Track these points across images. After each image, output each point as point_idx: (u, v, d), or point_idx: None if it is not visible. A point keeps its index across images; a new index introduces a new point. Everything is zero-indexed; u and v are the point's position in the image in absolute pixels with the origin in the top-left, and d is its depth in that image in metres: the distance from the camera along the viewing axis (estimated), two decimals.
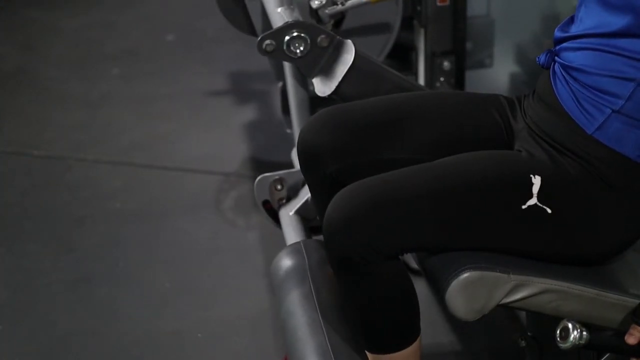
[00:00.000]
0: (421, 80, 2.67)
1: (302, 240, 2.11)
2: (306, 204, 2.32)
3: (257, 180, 2.39)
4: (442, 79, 2.62)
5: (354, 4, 2.31)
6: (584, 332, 1.52)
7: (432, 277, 1.65)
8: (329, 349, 1.72)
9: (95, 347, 2.40)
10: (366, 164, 1.73)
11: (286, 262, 1.98)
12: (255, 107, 3.57)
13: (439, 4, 2.56)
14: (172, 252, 2.77)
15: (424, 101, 1.80)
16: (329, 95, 2.02)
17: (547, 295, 1.58)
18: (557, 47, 1.68)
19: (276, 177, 2.38)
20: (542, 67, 1.71)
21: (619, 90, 1.56)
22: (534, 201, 1.58)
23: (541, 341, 1.88)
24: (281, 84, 2.89)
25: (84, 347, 2.40)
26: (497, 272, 1.56)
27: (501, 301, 1.58)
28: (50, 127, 3.51)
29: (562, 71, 1.64)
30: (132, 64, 4.00)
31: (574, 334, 1.52)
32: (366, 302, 1.64)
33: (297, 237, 2.24)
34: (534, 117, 1.70)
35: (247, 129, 3.42)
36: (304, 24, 2.05)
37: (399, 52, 3.28)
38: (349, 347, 1.73)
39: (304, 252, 1.98)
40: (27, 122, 3.56)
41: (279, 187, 2.38)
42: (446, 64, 2.62)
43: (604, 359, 1.69)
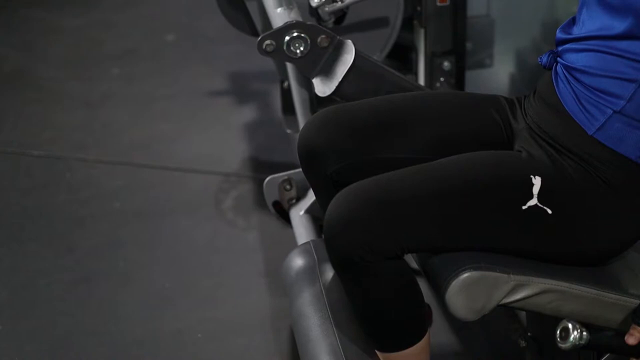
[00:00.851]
0: (421, 80, 2.67)
1: (312, 240, 2.11)
2: (316, 203, 2.31)
3: (266, 181, 2.38)
4: (442, 79, 2.62)
5: (353, 0, 2.31)
6: (584, 332, 1.52)
7: (432, 277, 1.65)
8: (340, 349, 1.72)
9: (95, 347, 2.40)
10: (366, 163, 1.74)
11: (297, 262, 1.98)
12: (255, 107, 3.57)
13: (439, 4, 2.55)
14: (172, 252, 2.77)
15: (424, 101, 1.80)
16: (329, 95, 2.03)
17: (547, 295, 1.58)
18: (560, 48, 1.68)
19: (285, 178, 2.38)
20: (543, 68, 1.71)
21: (620, 91, 1.57)
22: (534, 202, 1.58)
23: (541, 341, 1.88)
24: (286, 83, 2.88)
25: (84, 347, 2.40)
26: (497, 272, 1.56)
27: (501, 301, 1.58)
28: (50, 127, 3.51)
29: (565, 72, 1.64)
30: (132, 64, 4.01)
31: (574, 334, 1.53)
32: (369, 301, 1.64)
33: (308, 237, 2.24)
34: (534, 117, 1.70)
35: (247, 129, 3.42)
36: (304, 24, 2.05)
37: (399, 52, 3.29)
38: (359, 348, 1.74)
39: (313, 252, 1.98)
40: (27, 122, 3.56)
41: (288, 187, 2.38)
42: (446, 64, 2.62)
43: (604, 359, 1.69)
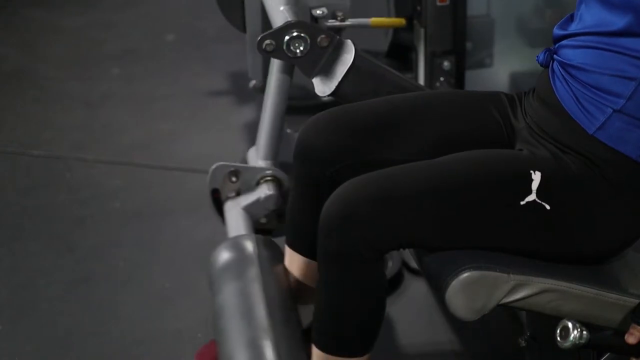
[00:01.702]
0: (421, 80, 2.68)
1: (250, 234, 2.09)
2: (257, 203, 2.31)
3: (214, 167, 2.35)
4: (442, 79, 2.63)
5: (353, 23, 2.32)
6: (584, 332, 1.52)
7: (432, 277, 1.65)
8: (271, 344, 1.72)
9: (95, 347, 2.40)
10: (366, 164, 1.73)
11: (230, 253, 1.97)
12: (255, 107, 3.56)
13: (439, 4, 2.56)
14: (172, 252, 2.77)
15: (424, 101, 1.80)
16: (328, 95, 2.03)
17: (547, 295, 1.58)
18: (556, 45, 1.68)
19: (233, 169, 2.34)
20: (541, 66, 1.71)
21: (620, 89, 1.56)
22: (532, 197, 1.57)
23: (541, 341, 1.88)
24: (253, 82, 2.90)
25: (84, 347, 2.40)
26: (497, 271, 1.56)
27: (501, 301, 1.58)
28: (50, 127, 3.51)
29: (561, 69, 1.64)
30: (132, 64, 4.00)
31: (574, 334, 1.52)
32: (344, 299, 1.63)
33: (241, 232, 2.22)
34: (534, 117, 1.70)
35: (247, 129, 3.42)
36: (304, 24, 2.05)
37: (399, 52, 3.29)
38: (289, 345, 1.74)
39: (245, 246, 1.97)
40: (27, 122, 3.56)
41: (234, 179, 2.34)
42: (446, 64, 2.62)
43: (604, 358, 1.69)
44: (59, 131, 3.48)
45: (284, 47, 2.05)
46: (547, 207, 1.57)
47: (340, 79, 1.99)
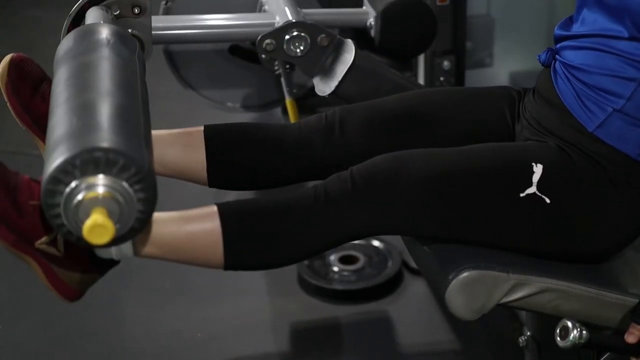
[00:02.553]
0: (421, 79, 2.68)
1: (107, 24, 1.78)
2: None
3: None
4: (442, 79, 2.63)
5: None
6: (584, 332, 1.52)
7: (431, 276, 1.64)
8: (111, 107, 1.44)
9: (95, 347, 2.40)
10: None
11: (79, 35, 1.70)
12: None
13: (439, 4, 2.56)
14: None
15: (430, 98, 1.79)
16: (329, 94, 2.03)
17: (546, 294, 1.58)
18: (558, 46, 1.68)
19: None
20: (542, 65, 1.71)
21: (620, 89, 1.56)
22: (532, 190, 1.57)
23: (541, 341, 1.88)
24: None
25: (84, 347, 2.40)
26: (496, 271, 1.56)
27: (501, 300, 1.58)
28: None
29: (564, 69, 1.64)
30: None
31: (574, 333, 1.52)
32: (287, 216, 1.54)
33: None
34: (534, 114, 1.70)
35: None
36: (304, 24, 2.05)
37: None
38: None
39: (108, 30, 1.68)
40: None
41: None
42: (446, 64, 2.62)
43: (604, 358, 1.69)
44: None
45: (284, 46, 2.05)
46: (547, 201, 1.57)
47: (340, 79, 1.98)
